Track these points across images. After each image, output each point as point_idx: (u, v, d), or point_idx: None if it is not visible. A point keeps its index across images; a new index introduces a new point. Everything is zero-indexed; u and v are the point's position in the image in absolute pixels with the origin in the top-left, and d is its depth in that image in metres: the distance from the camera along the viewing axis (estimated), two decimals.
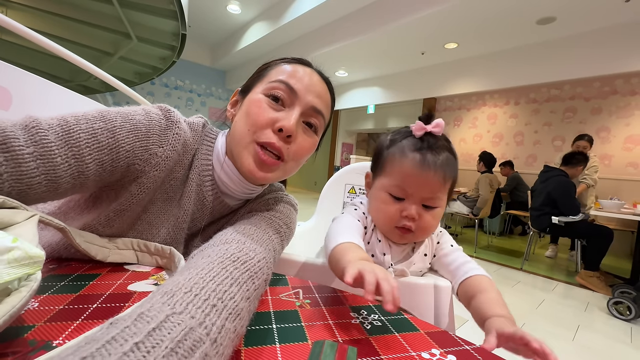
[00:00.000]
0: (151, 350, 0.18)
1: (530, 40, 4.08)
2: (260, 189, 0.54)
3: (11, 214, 0.29)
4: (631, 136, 3.70)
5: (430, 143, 0.52)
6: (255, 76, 0.52)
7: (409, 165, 0.51)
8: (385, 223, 0.55)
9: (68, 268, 0.42)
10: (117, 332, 0.18)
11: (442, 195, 0.53)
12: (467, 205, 3.43)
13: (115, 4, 2.75)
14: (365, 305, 0.40)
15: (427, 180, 0.50)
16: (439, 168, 0.50)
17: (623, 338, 1.68)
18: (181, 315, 0.21)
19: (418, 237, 0.56)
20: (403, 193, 0.53)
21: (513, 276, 2.61)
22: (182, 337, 0.20)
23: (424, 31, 4.02)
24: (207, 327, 0.22)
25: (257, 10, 5.13)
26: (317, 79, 0.49)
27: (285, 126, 0.44)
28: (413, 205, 0.52)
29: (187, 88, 7.07)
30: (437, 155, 0.51)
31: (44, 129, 0.36)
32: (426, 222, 0.53)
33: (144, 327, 0.19)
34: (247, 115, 0.46)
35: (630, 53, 3.45)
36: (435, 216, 0.54)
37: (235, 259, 0.32)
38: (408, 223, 0.52)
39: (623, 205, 2.52)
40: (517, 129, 4.66)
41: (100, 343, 0.17)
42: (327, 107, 0.51)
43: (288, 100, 0.47)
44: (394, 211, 0.53)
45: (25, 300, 0.25)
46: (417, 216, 0.52)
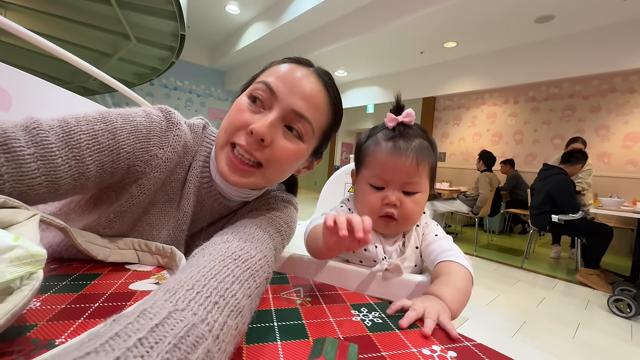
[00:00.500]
0: (154, 345, 0.18)
1: (529, 39, 4.08)
2: (256, 192, 0.53)
3: (13, 214, 0.29)
4: (630, 134, 3.71)
5: (402, 131, 0.54)
6: (253, 77, 0.51)
7: (382, 153, 0.54)
8: (369, 214, 0.55)
9: (69, 268, 0.42)
10: (120, 329, 0.18)
11: (421, 180, 0.54)
12: (467, 204, 3.43)
13: (114, 5, 2.74)
14: (366, 303, 0.40)
15: (401, 165, 0.52)
16: (411, 152, 0.52)
17: (623, 335, 1.69)
18: (183, 312, 0.21)
19: (402, 225, 0.56)
20: (382, 182, 0.55)
21: (513, 274, 2.62)
22: (185, 334, 0.20)
23: (423, 30, 4.03)
24: (210, 324, 0.22)
25: (256, 11, 5.13)
26: (310, 80, 0.45)
27: (255, 129, 0.41)
28: (393, 192, 0.54)
29: (186, 89, 7.07)
30: (409, 141, 0.53)
31: (45, 130, 0.36)
32: (408, 209, 0.54)
33: (146, 323, 0.19)
34: (227, 117, 0.45)
35: (628, 51, 3.45)
36: (417, 202, 0.55)
37: (236, 257, 0.32)
38: (390, 210, 0.54)
39: (623, 202, 2.52)
40: (517, 128, 4.66)
41: (104, 339, 0.17)
42: (316, 110, 0.45)
43: (268, 102, 0.44)
44: (376, 200, 0.55)
45: (27, 299, 0.25)
46: (398, 202, 0.53)
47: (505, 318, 1.80)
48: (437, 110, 5.59)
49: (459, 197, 3.54)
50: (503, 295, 2.15)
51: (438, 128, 5.59)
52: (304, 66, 0.47)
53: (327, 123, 0.49)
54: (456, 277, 0.47)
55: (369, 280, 0.54)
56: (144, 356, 0.17)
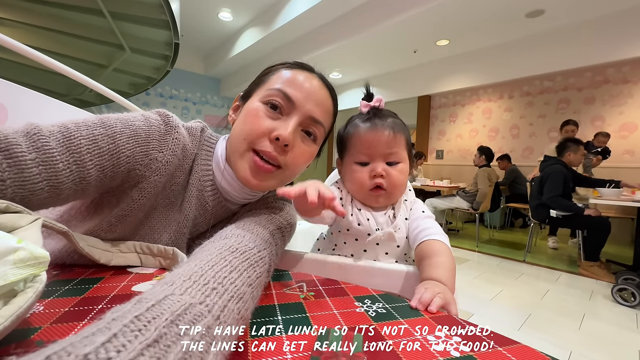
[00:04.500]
0: (152, 320, 0.18)
1: (521, 34, 4.12)
2: (260, 194, 0.54)
3: (15, 218, 0.29)
4: (626, 124, 3.73)
5: (375, 113, 0.61)
6: (256, 81, 0.51)
7: (362, 131, 0.60)
8: (360, 189, 0.61)
9: (72, 273, 0.42)
10: (119, 314, 0.18)
11: (400, 150, 0.61)
12: (466, 200, 3.43)
13: (107, 17, 2.76)
14: (370, 295, 0.40)
15: (380, 138, 0.59)
16: (387, 125, 0.59)
17: (629, 324, 1.68)
18: (182, 296, 0.21)
19: (391, 194, 0.61)
20: (366, 157, 0.60)
21: (516, 268, 2.61)
22: (182, 312, 0.20)
23: (415, 30, 4.06)
24: (209, 305, 0.22)
25: (249, 17, 5.17)
26: (317, 85, 0.48)
27: (282, 135, 0.44)
28: (378, 163, 0.59)
29: (182, 97, 7.09)
30: (383, 119, 0.60)
31: (45, 135, 0.36)
32: (394, 178, 0.59)
33: (142, 306, 0.19)
34: (245, 123, 0.46)
35: (619, 42, 3.49)
36: (401, 171, 0.60)
37: (233, 250, 0.32)
38: (379, 180, 0.59)
39: (622, 192, 2.53)
40: (513, 122, 4.69)
41: (103, 324, 0.17)
42: (327, 114, 0.50)
43: (286, 109, 0.46)
44: (364, 175, 0.60)
45: (31, 301, 0.25)
46: (384, 172, 0.59)
47: (510, 312, 1.80)
48: (432, 108, 5.62)
49: (459, 193, 3.55)
50: (507, 289, 2.14)
51: (435, 126, 5.61)
52: (309, 72, 0.50)
53: (331, 124, 0.54)
54: (445, 258, 0.49)
55: (371, 274, 0.54)
56: (141, 329, 0.17)
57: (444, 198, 3.67)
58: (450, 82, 5.06)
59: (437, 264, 0.48)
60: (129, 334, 0.16)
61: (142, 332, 0.17)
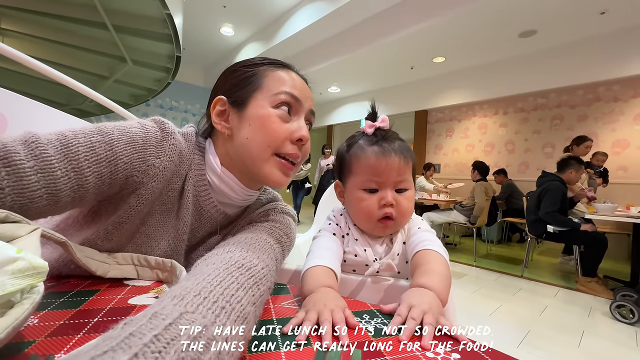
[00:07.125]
0: (170, 342, 0.18)
1: (514, 52, 4.25)
2: (257, 194, 0.55)
3: (14, 228, 0.29)
4: (618, 141, 3.80)
5: (382, 135, 0.58)
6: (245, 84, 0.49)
7: (372, 157, 0.56)
8: (367, 219, 0.57)
9: (67, 285, 0.42)
10: (135, 329, 0.19)
11: (409, 177, 0.58)
12: (463, 214, 3.44)
13: (111, 30, 2.81)
14: (368, 310, 0.40)
15: (392, 165, 0.55)
16: (398, 151, 0.56)
17: (628, 342, 1.66)
18: (194, 314, 0.22)
19: (398, 223, 0.57)
20: (376, 184, 0.56)
21: (514, 284, 2.60)
22: (198, 335, 0.20)
23: (412, 47, 4.17)
24: (219, 327, 0.23)
25: (250, 32, 5.29)
26: (301, 79, 0.53)
27: (305, 136, 0.49)
28: (388, 192, 0.55)
29: (181, 108, 7.15)
30: (391, 142, 0.57)
31: (43, 143, 0.36)
32: (404, 206, 0.56)
33: (159, 323, 0.20)
34: (264, 131, 0.46)
35: (609, 62, 3.60)
36: (409, 198, 0.57)
37: (240, 266, 0.32)
38: (388, 210, 0.55)
39: (616, 208, 2.55)
40: (508, 138, 4.76)
41: (120, 338, 0.18)
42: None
43: (295, 109, 0.50)
44: (373, 203, 0.56)
45: (28, 312, 0.25)
46: (394, 201, 0.55)
47: (508, 328, 1.77)
48: (429, 122, 5.70)
49: (456, 207, 3.56)
50: (505, 305, 2.12)
51: (431, 140, 5.68)
52: (290, 69, 0.53)
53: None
54: (437, 265, 0.47)
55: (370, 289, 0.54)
56: (161, 351, 0.17)
57: (441, 212, 3.67)
58: (447, 97, 5.16)
59: (427, 271, 0.46)
60: (150, 355, 0.17)
61: (162, 355, 0.17)
